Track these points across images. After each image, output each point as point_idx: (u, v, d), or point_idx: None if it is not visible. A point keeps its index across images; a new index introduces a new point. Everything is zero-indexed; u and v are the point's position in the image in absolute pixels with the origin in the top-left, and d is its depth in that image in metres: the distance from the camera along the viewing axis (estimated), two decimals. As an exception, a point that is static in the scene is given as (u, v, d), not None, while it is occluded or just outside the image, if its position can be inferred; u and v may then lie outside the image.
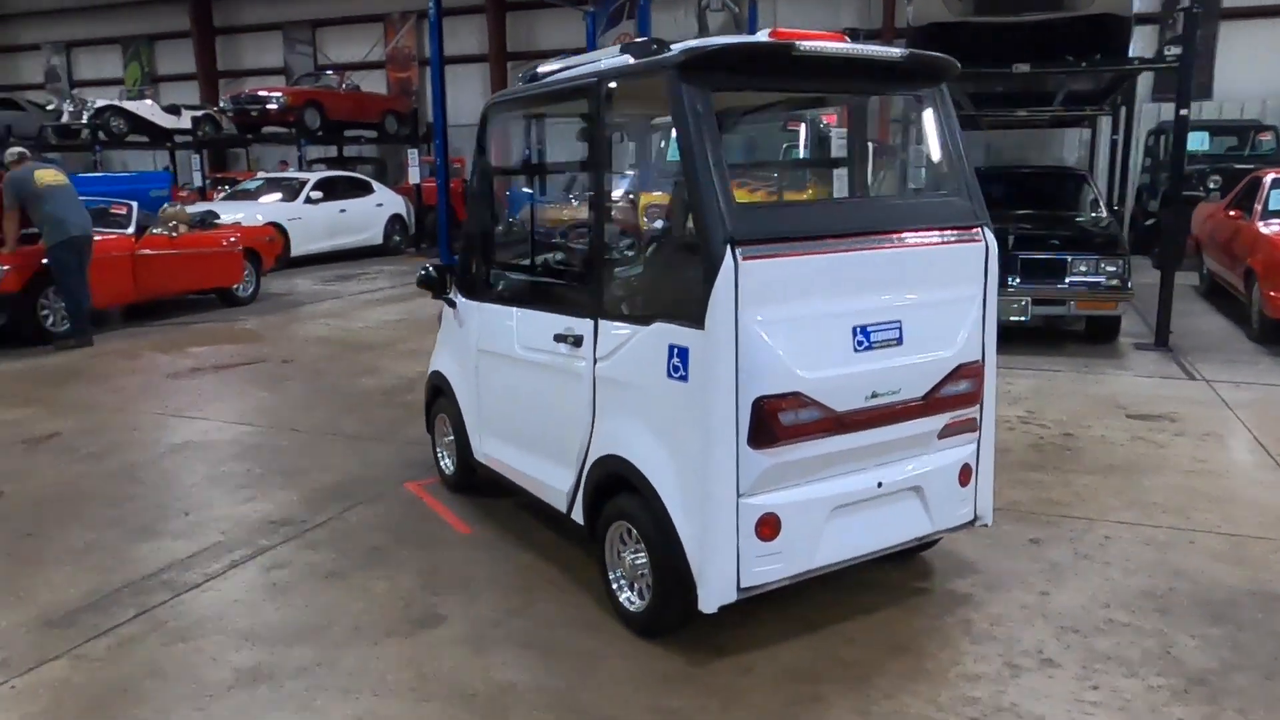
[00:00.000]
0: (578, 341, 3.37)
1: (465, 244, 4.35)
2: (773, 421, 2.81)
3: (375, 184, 16.96)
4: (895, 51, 3.10)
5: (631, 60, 3.11)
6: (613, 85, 3.22)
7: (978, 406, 3.35)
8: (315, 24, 22.96)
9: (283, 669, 3.01)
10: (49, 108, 20.15)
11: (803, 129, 9.90)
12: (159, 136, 19.94)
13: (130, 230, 9.47)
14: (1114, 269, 7.63)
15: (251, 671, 3.00)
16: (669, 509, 2.95)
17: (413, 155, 17.25)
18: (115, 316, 9.94)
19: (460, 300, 4.31)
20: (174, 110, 20.47)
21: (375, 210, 16.51)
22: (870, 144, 4.19)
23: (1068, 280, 7.66)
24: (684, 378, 2.86)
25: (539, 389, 3.68)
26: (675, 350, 2.88)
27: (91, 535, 4.12)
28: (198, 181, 19.19)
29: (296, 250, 14.73)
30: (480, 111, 4.19)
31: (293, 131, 18.28)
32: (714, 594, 2.87)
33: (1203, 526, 4.11)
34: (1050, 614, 3.34)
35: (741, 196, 7.31)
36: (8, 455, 5.32)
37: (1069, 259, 7.68)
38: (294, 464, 5.08)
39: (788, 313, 2.85)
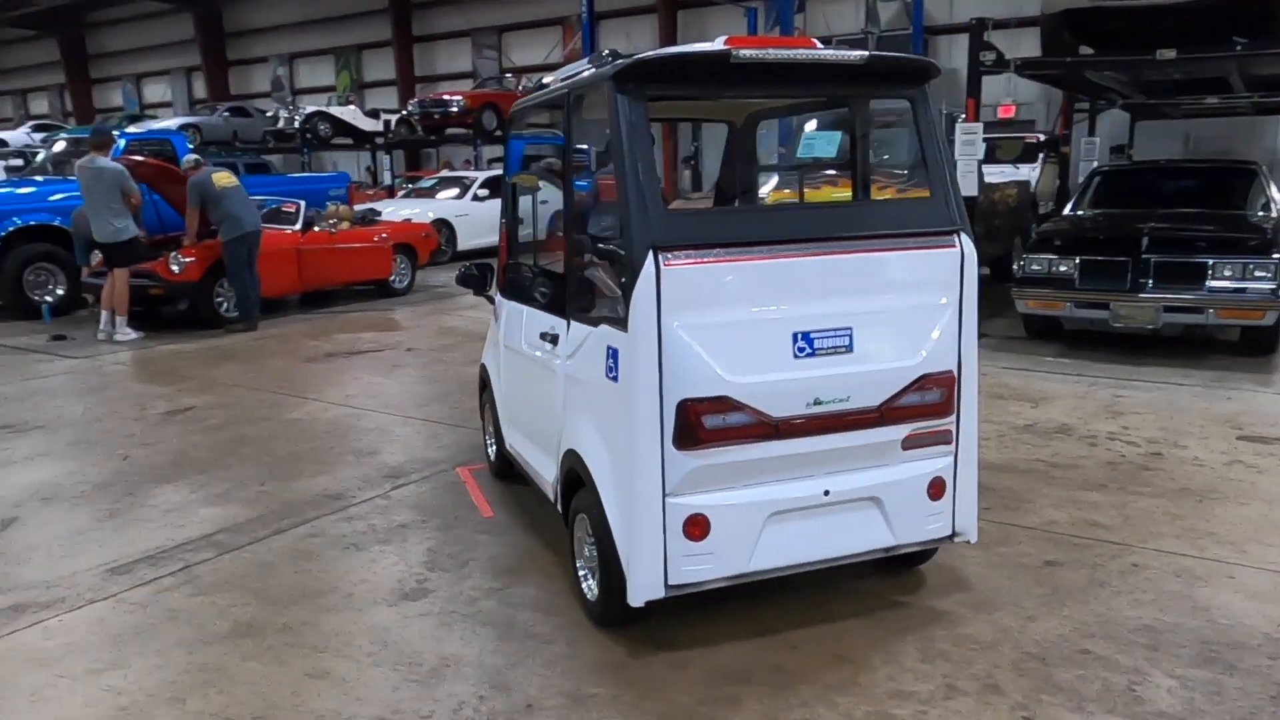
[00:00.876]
0: (555, 340, 3.54)
1: (501, 243, 4.61)
2: (697, 424, 2.87)
3: (542, 182, 17.68)
4: (853, 55, 3.05)
5: (589, 72, 3.23)
6: (579, 96, 3.36)
7: (952, 419, 3.23)
8: (500, 30, 24.18)
9: (272, 625, 3.37)
10: (269, 114, 22.38)
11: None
12: (361, 139, 21.71)
13: (297, 227, 10.46)
14: (1266, 274, 6.91)
15: (247, 625, 3.38)
16: (604, 504, 3.07)
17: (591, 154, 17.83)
18: (290, 304, 11.01)
19: (496, 297, 4.59)
20: (374, 114, 22.25)
21: (541, 209, 17.21)
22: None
23: (1207, 286, 7.01)
24: (615, 378, 2.97)
25: (535, 383, 3.88)
26: (610, 351, 3.00)
27: (177, 498, 4.71)
28: (388, 180, 20.77)
29: (463, 244, 15.67)
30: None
31: (470, 132, 19.39)
32: (641, 589, 2.96)
33: (1255, 562, 3.74)
34: (1024, 640, 3.18)
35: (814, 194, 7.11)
36: (145, 424, 6.11)
37: (1210, 262, 7.02)
38: (370, 444, 5.53)
39: (716, 317, 2.89)
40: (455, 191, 16.35)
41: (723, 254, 2.90)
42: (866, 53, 3.07)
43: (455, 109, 19.45)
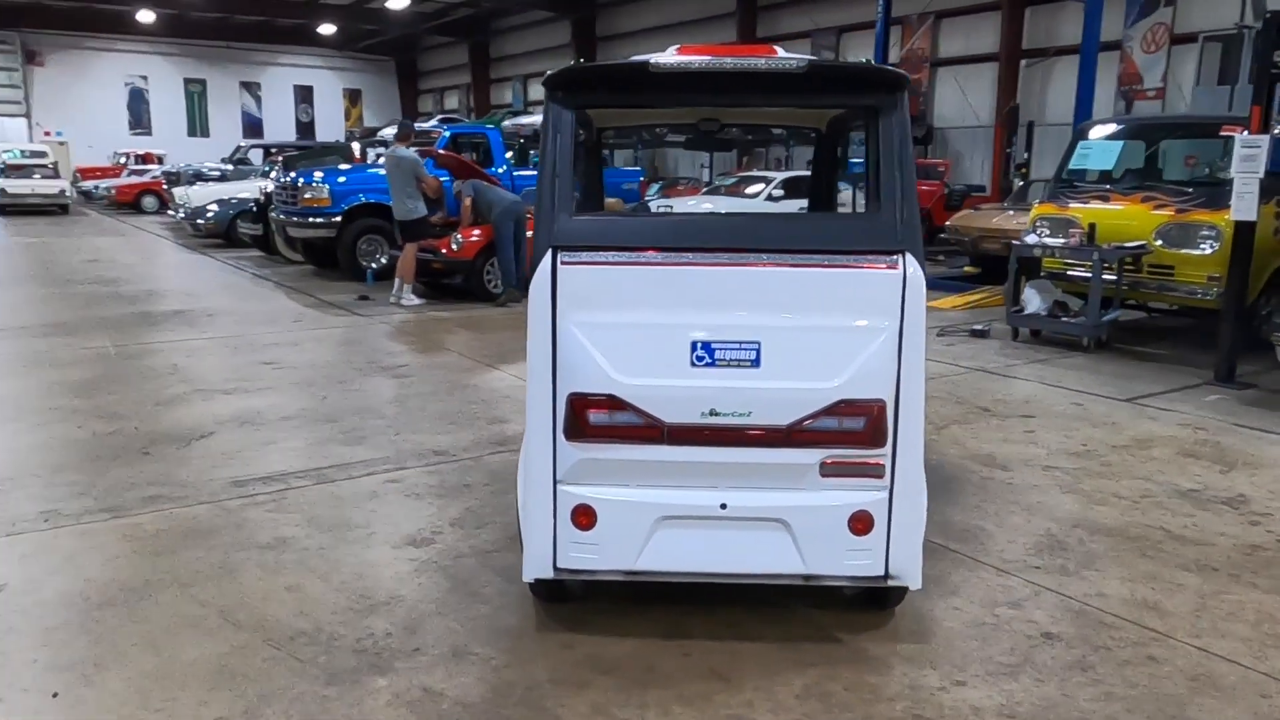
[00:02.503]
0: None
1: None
2: (583, 419, 3.00)
3: (843, 184, 17.49)
4: (792, 61, 2.95)
5: None
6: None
7: (883, 451, 3.02)
8: (840, 30, 24.01)
9: (298, 544, 4.01)
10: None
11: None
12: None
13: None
14: None
15: (282, 540, 4.05)
16: (518, 484, 3.29)
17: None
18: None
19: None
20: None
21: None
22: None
23: None
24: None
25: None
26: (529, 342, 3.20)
27: (325, 435, 5.59)
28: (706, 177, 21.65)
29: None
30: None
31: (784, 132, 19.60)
32: (532, 566, 3.16)
33: (1318, 686, 3.03)
34: (926, 704, 2.90)
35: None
36: (361, 375, 7.21)
37: None
38: (505, 414, 6.10)
39: (611, 318, 2.99)
40: (757, 188, 16.72)
41: (622, 257, 2.99)
42: (806, 60, 2.96)
43: (772, 110, 19.74)
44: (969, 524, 4.35)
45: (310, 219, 12.31)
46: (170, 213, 21.57)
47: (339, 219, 12.20)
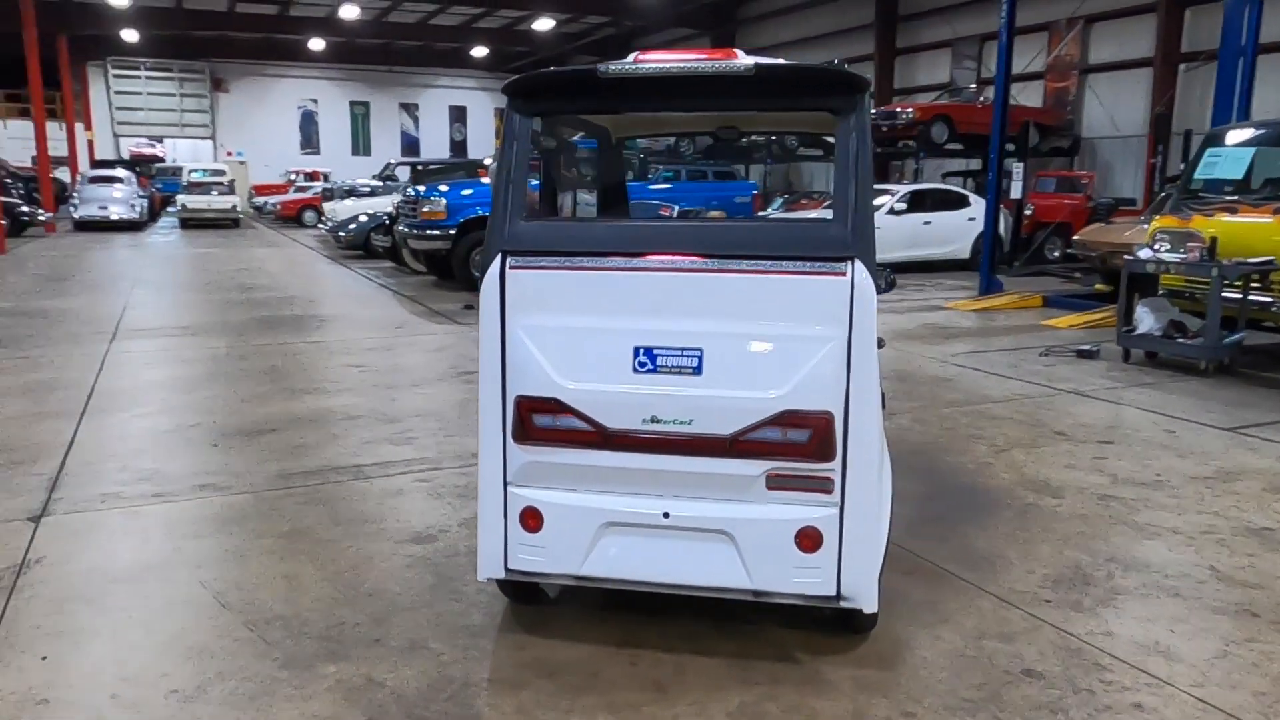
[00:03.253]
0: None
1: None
2: (528, 421, 3.03)
3: (973, 198, 16.82)
4: (740, 64, 2.89)
5: None
6: None
7: (833, 466, 2.90)
8: (983, 38, 23.07)
9: (313, 535, 4.21)
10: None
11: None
12: (828, 150, 22.49)
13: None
14: None
15: (300, 531, 4.27)
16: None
17: (1016, 169, 16.58)
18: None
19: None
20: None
21: (965, 225, 16.42)
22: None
23: None
24: (483, 370, 3.23)
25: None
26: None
27: (379, 435, 5.84)
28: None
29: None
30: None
31: (913, 145, 19.02)
32: (485, 566, 3.21)
33: (1325, 750, 2.69)
34: (866, 730, 2.77)
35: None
36: (439, 381, 7.49)
37: None
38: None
39: (557, 322, 3.01)
40: (882, 200, 16.29)
41: (567, 262, 3.01)
42: (753, 62, 2.89)
43: (902, 121, 19.18)
44: (990, 551, 4.10)
45: (428, 231, 12.89)
46: (320, 226, 23.05)
47: (454, 231, 12.71)
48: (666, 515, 3.02)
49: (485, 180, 14.01)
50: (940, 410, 6.61)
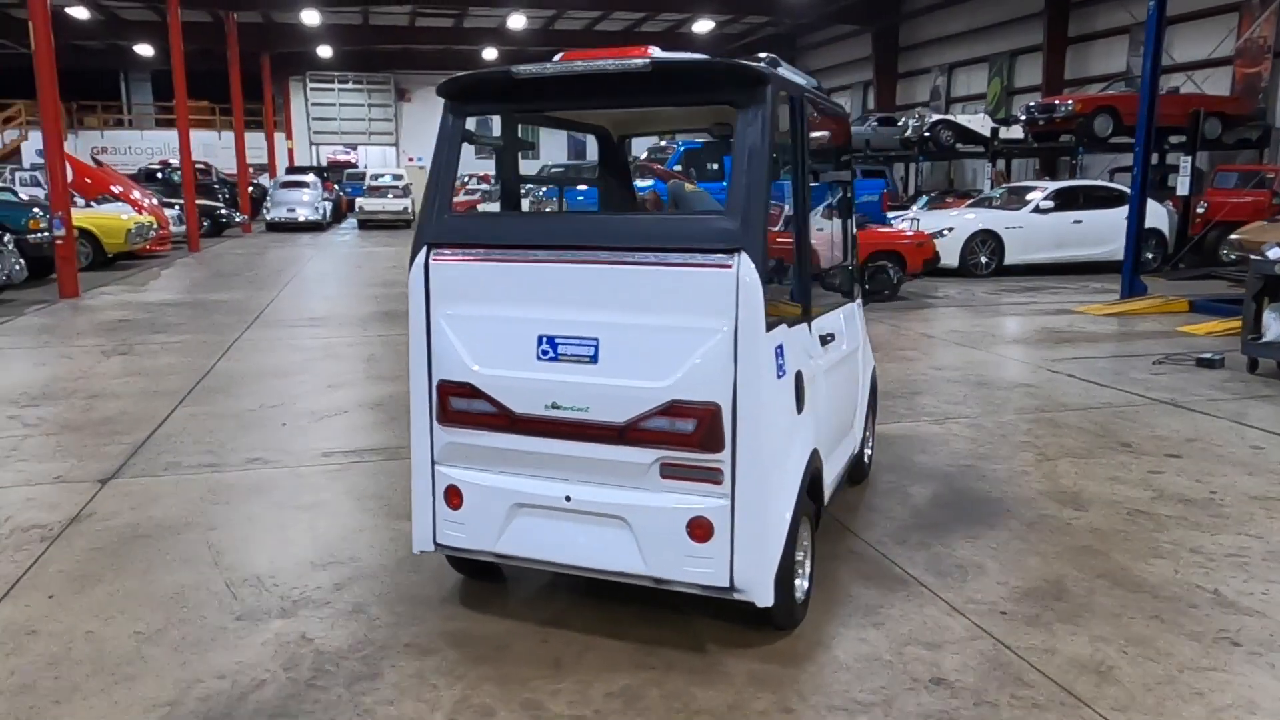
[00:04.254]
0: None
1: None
2: (446, 404, 3.22)
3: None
4: (635, 63, 2.94)
5: None
6: None
7: (721, 457, 2.92)
8: (1168, 21, 21.32)
9: (327, 506, 4.57)
10: (899, 124, 23.50)
11: None
12: (988, 145, 21.50)
13: (776, 227, 11.42)
14: None
15: (316, 503, 4.64)
16: (415, 465, 3.55)
17: (1184, 164, 15.29)
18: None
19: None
20: (1007, 121, 21.89)
21: (1122, 224, 15.26)
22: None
23: None
24: (429, 354, 3.43)
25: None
26: None
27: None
28: (988, 184, 20.23)
29: (1011, 258, 14.90)
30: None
31: (1071, 139, 17.87)
32: (417, 539, 3.42)
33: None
34: (734, 721, 2.77)
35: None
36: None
37: None
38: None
39: (472, 311, 3.18)
40: (1033, 196, 15.46)
41: (481, 254, 3.17)
42: (649, 59, 2.94)
43: (1062, 114, 18.04)
44: (970, 560, 3.93)
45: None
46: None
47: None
48: (568, 499, 3.12)
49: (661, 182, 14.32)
50: (1003, 417, 6.29)
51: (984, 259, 14.81)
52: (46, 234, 12.83)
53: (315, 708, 2.85)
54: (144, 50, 32.30)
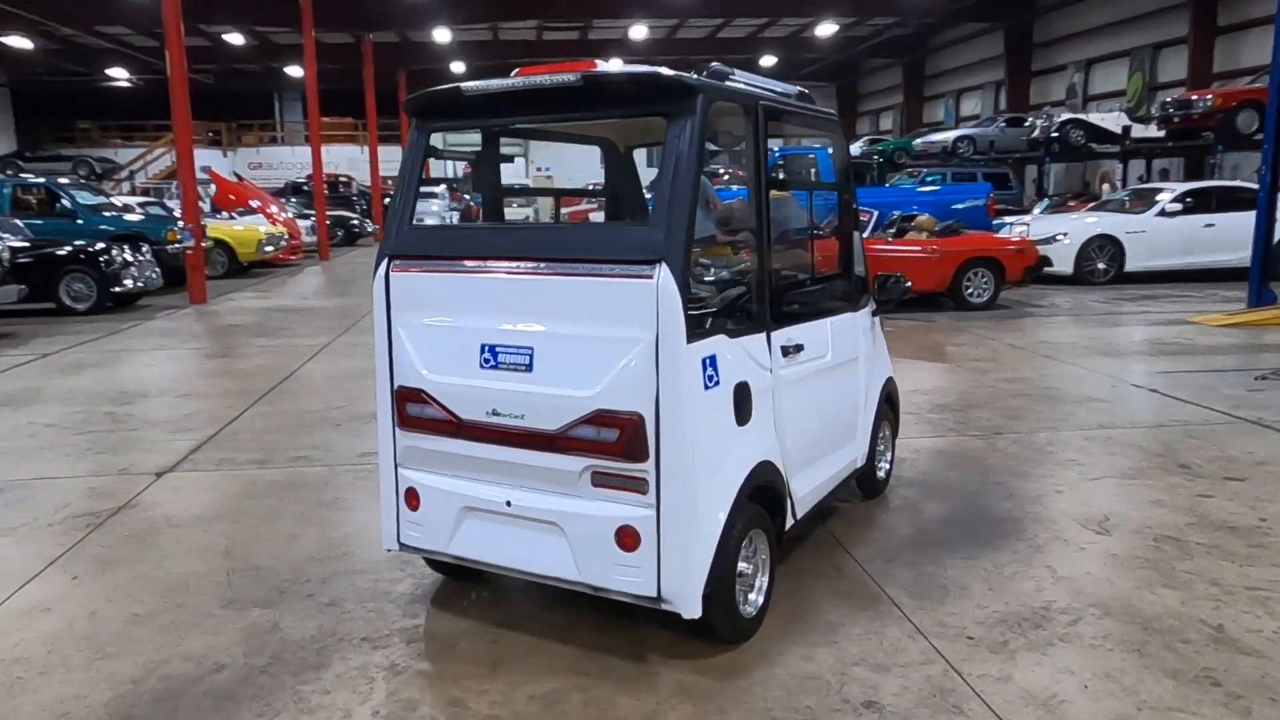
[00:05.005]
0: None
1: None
2: (403, 409, 3.35)
3: None
4: (567, 78, 2.99)
5: None
6: None
7: (646, 467, 2.93)
8: (1325, 7, 19.58)
9: (346, 504, 4.81)
10: (1026, 124, 22.49)
11: None
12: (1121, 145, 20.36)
13: (865, 234, 11.17)
14: None
15: (337, 499, 4.88)
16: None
17: (1333, 161, 13.98)
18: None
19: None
20: (1144, 119, 20.65)
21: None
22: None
23: None
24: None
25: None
26: None
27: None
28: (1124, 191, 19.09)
29: (1132, 265, 14.07)
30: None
31: (1210, 136, 16.66)
32: (385, 538, 3.56)
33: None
34: (644, 731, 2.78)
35: None
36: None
37: None
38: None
39: (425, 320, 3.30)
40: (1162, 197, 14.54)
41: (430, 265, 3.29)
42: (580, 74, 2.98)
43: (1200, 109, 16.83)
44: (955, 582, 3.78)
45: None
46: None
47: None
48: (509, 504, 3.20)
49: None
50: (1058, 433, 5.97)
51: (1101, 265, 14.00)
52: (181, 245, 13.90)
53: (258, 693, 3.02)
54: (294, 71, 34.42)
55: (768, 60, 37.99)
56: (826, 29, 31.82)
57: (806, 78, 40.86)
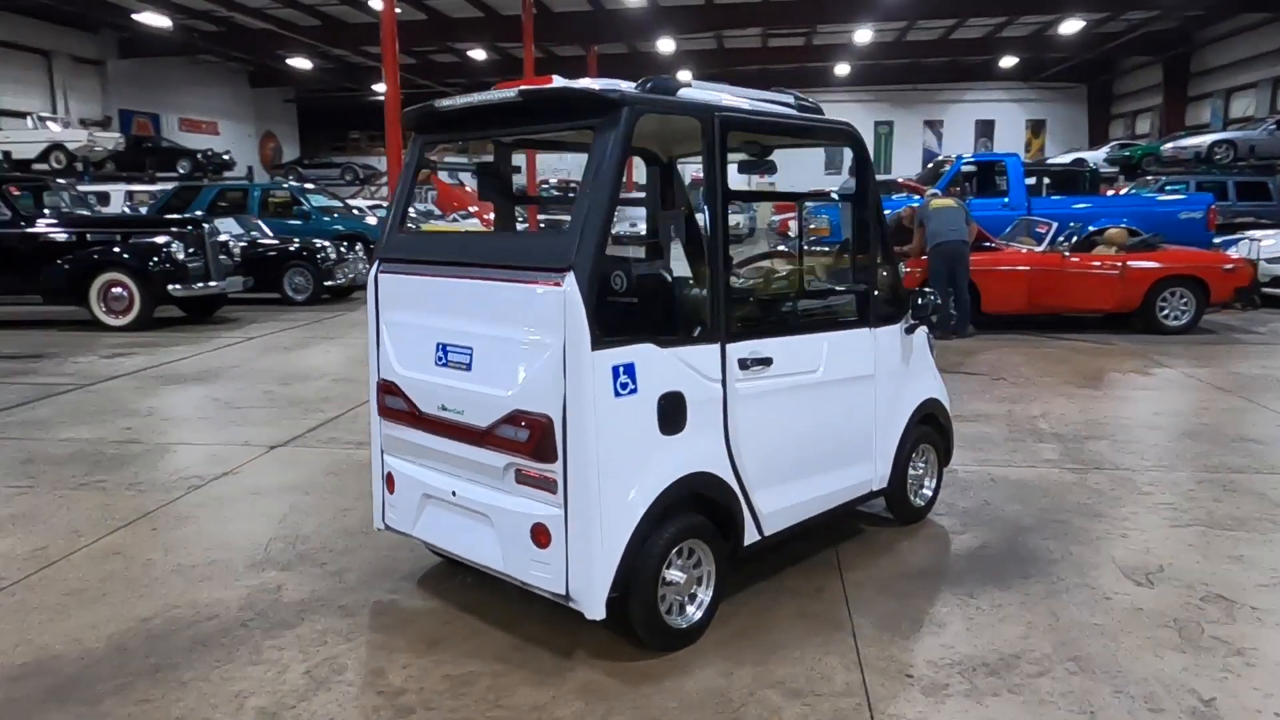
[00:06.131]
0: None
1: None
2: (381, 400, 3.64)
3: None
4: (508, 93, 3.13)
5: None
6: None
7: (555, 468, 3.03)
8: None
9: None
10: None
11: None
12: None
13: (1040, 247, 10.40)
14: None
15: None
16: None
17: None
18: (1028, 322, 10.90)
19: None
20: None
21: None
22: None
23: None
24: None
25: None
26: None
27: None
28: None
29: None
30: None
31: None
32: (375, 517, 3.87)
33: None
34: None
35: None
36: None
37: None
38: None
39: (401, 319, 3.57)
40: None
41: (406, 269, 3.54)
42: (518, 90, 3.11)
43: None
44: (937, 616, 3.57)
45: (813, 247, 13.28)
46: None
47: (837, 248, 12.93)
48: (454, 494, 3.40)
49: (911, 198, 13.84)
50: (1172, 473, 5.36)
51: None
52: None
53: (229, 643, 3.41)
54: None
55: (1007, 61, 35.92)
56: (1072, 25, 29.56)
57: (1051, 79, 38.21)
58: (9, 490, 5.18)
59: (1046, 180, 15.18)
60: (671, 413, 3.20)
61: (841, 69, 37.10)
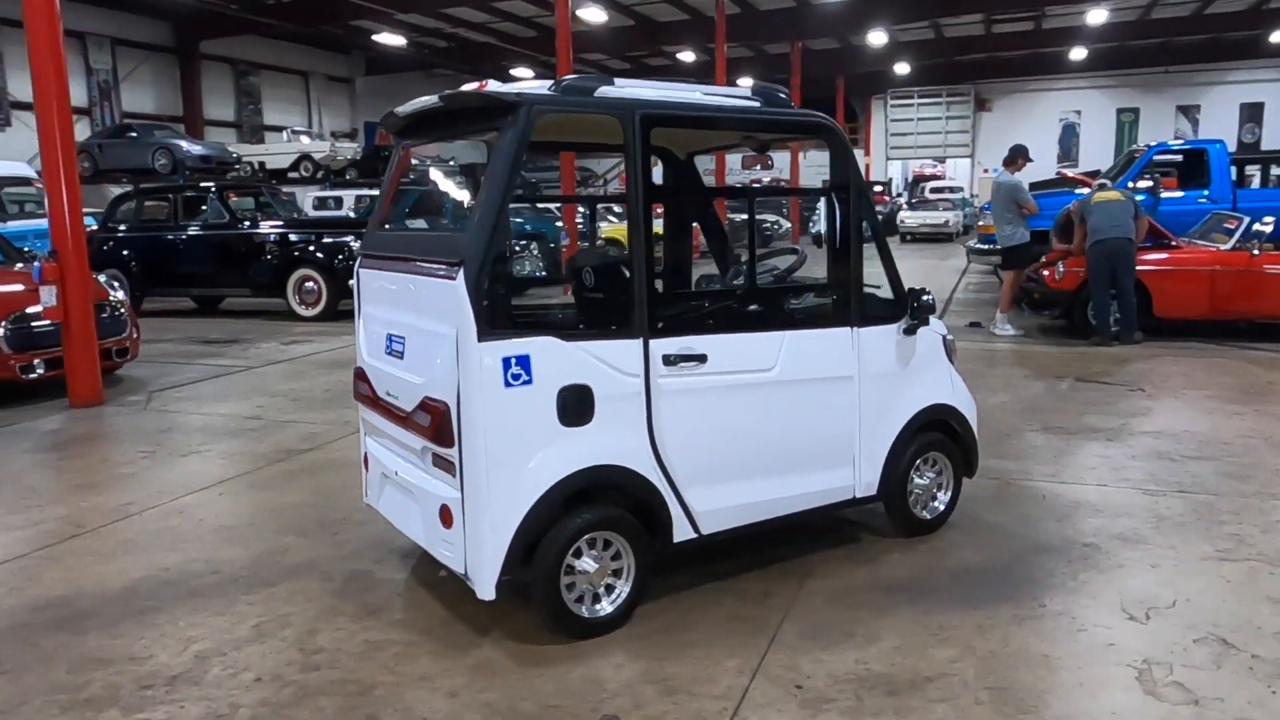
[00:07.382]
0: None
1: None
2: (356, 384, 3.95)
3: None
4: (431, 99, 3.31)
5: None
6: None
7: (453, 453, 3.19)
8: None
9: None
10: None
11: None
12: None
13: (1227, 245, 9.25)
14: None
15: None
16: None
17: None
18: (1209, 329, 9.68)
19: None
20: None
21: None
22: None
23: None
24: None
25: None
26: None
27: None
28: None
29: None
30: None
31: None
32: (365, 496, 4.19)
33: None
34: (422, 696, 3.06)
35: None
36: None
37: None
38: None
39: (369, 311, 3.86)
40: None
41: (374, 264, 3.82)
42: (437, 96, 3.27)
43: None
44: (873, 630, 3.39)
45: (980, 246, 12.51)
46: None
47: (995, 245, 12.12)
48: (397, 473, 3.64)
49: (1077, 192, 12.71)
50: (1267, 503, 4.69)
51: None
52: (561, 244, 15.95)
53: (215, 594, 3.84)
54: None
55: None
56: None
57: (1339, 53, 33.33)
58: (136, 454, 6.02)
59: (1275, 171, 13.36)
60: (575, 405, 3.25)
61: (1078, 53, 34.32)
